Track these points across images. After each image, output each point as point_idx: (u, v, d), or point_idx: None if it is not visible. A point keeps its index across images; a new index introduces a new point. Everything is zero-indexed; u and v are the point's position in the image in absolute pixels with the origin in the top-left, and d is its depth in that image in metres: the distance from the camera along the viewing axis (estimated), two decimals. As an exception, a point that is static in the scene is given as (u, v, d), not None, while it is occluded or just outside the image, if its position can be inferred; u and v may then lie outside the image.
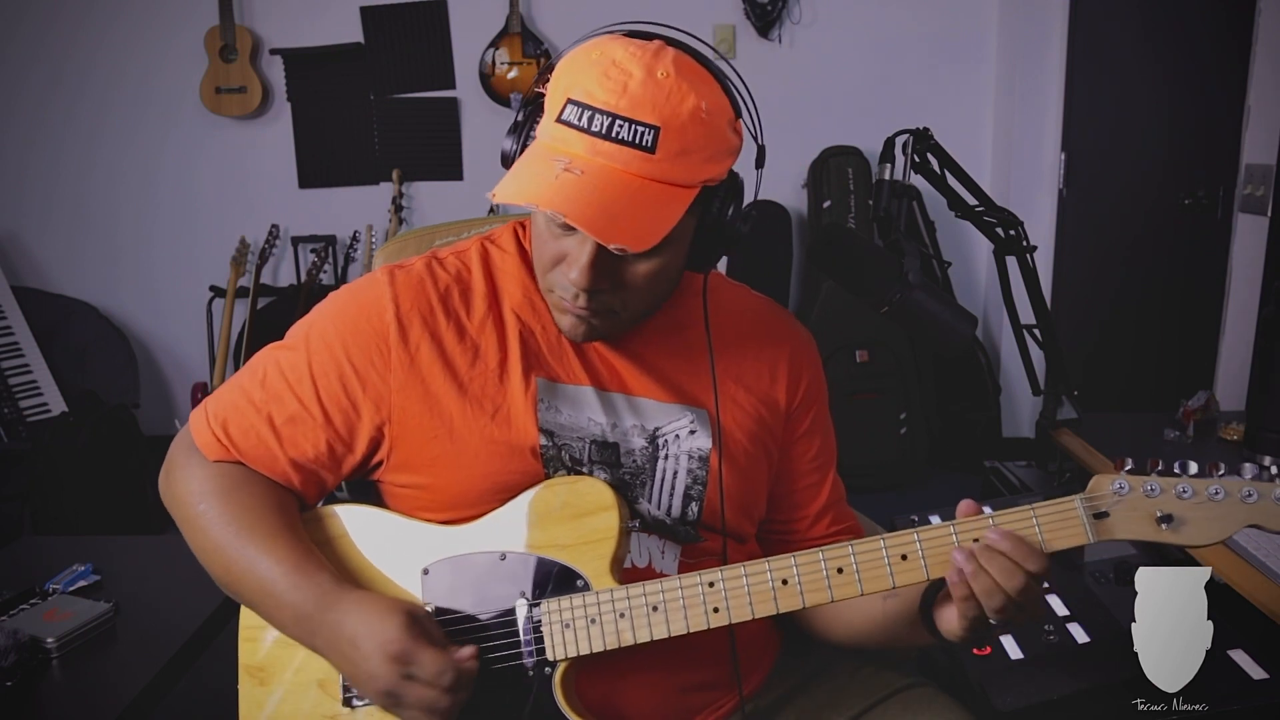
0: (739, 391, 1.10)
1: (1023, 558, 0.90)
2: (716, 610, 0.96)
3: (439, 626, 0.98)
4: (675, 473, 1.06)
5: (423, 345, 1.02)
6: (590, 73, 0.90)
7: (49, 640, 1.34)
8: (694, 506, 1.07)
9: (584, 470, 1.03)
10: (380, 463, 1.05)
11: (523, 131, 0.99)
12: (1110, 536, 0.92)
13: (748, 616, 0.96)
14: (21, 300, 3.30)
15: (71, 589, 1.50)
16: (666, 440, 1.06)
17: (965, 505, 0.95)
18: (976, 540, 0.92)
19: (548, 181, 0.88)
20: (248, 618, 1.05)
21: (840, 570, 0.95)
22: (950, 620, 0.96)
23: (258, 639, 1.05)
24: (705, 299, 1.08)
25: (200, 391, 3.65)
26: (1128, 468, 0.92)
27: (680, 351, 1.09)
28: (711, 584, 0.96)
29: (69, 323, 3.50)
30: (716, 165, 0.94)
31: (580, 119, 0.89)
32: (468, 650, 0.95)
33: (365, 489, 1.12)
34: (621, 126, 0.88)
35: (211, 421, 1.03)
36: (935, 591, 1.00)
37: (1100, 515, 0.92)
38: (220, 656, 1.08)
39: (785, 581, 0.95)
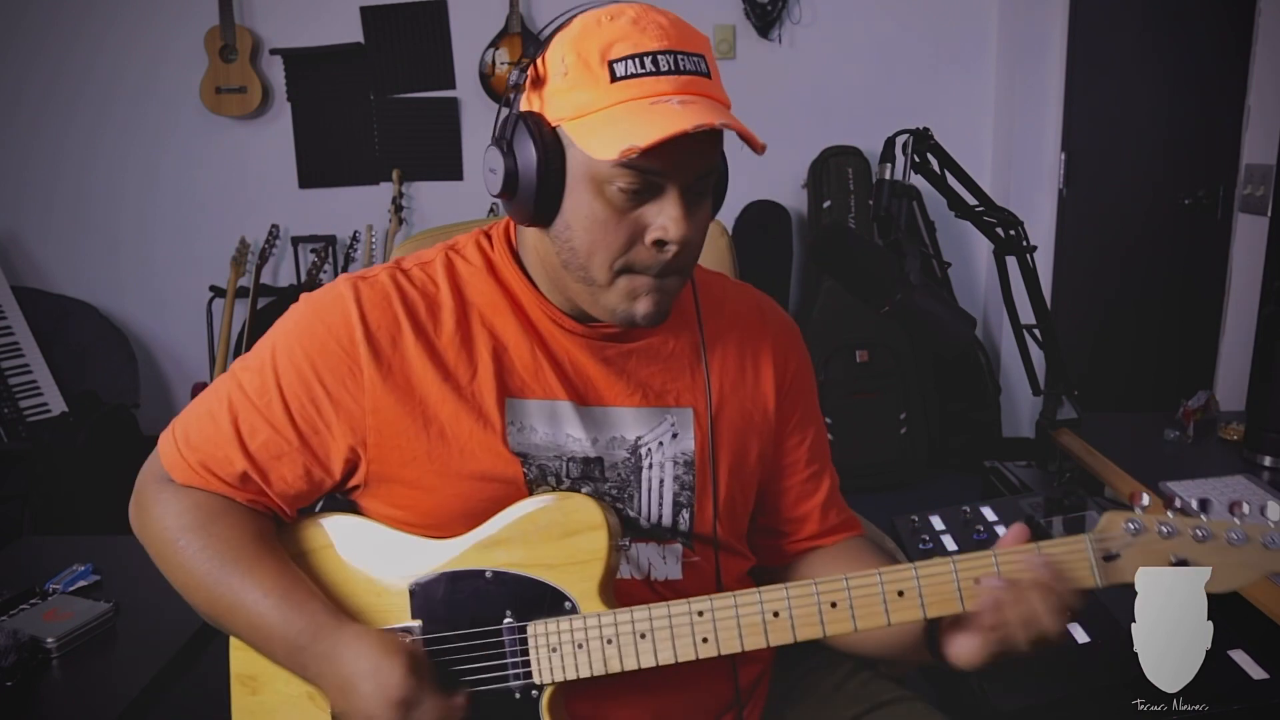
0: (724, 386, 1.07)
1: (1064, 588, 0.86)
2: (705, 640, 0.92)
3: (432, 665, 0.95)
4: (661, 480, 1.03)
5: (394, 364, 0.98)
6: (620, 31, 0.89)
7: (49, 640, 1.33)
8: (685, 514, 1.04)
9: (566, 487, 1.00)
10: (357, 486, 1.02)
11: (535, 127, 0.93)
12: (1120, 580, 0.87)
13: (737, 648, 0.92)
14: (21, 300, 3.30)
15: (71, 589, 1.49)
16: (650, 449, 1.02)
17: (1017, 530, 0.91)
18: (977, 580, 0.88)
19: (675, 114, 0.85)
20: None
21: (834, 605, 0.91)
22: (964, 648, 0.90)
23: (249, 648, 1.02)
24: (694, 286, 1.07)
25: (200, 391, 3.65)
26: (1143, 503, 0.86)
27: (659, 349, 1.05)
28: (700, 613, 0.92)
29: (69, 323, 3.49)
30: None
31: (645, 65, 0.88)
32: (461, 699, 0.94)
33: (339, 500, 1.08)
34: (684, 59, 0.90)
35: (182, 448, 1.01)
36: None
37: (1110, 557, 0.86)
38: (220, 657, 1.07)
39: (777, 614, 0.92)
